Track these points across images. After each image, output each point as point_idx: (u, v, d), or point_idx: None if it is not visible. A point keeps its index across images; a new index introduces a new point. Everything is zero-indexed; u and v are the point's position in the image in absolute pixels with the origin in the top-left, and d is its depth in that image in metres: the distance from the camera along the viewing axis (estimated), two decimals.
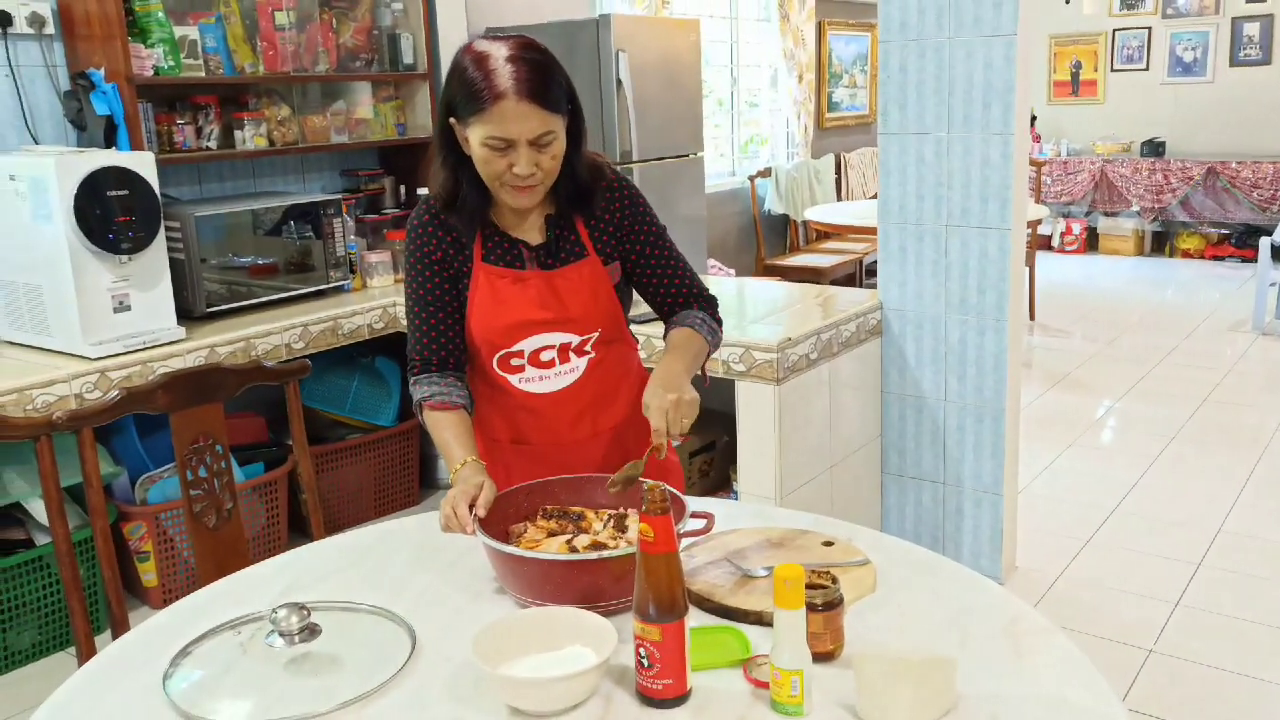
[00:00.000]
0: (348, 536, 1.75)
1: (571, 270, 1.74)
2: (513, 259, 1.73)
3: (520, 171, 1.59)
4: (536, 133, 1.57)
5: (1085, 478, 3.99)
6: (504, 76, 1.55)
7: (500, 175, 1.60)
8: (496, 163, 1.59)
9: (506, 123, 1.56)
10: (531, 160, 1.58)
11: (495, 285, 1.72)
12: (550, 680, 1.22)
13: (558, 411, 1.77)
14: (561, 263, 1.74)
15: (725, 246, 6.51)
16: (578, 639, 1.30)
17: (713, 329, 1.81)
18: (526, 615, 1.36)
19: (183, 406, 1.90)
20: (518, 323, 1.72)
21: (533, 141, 1.58)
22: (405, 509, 3.82)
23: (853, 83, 7.73)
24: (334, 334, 3.26)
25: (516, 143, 1.57)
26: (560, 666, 1.26)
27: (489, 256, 1.73)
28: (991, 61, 2.86)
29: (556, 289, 1.73)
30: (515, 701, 1.22)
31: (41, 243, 2.71)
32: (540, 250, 1.74)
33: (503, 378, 1.76)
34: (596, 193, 1.73)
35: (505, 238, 1.73)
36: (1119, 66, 8.68)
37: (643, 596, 1.21)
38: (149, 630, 1.46)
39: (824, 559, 1.53)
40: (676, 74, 4.52)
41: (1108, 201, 8.56)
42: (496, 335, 1.73)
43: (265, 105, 3.43)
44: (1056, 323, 6.47)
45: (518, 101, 1.55)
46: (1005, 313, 2.98)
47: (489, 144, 1.58)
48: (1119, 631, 2.88)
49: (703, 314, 1.81)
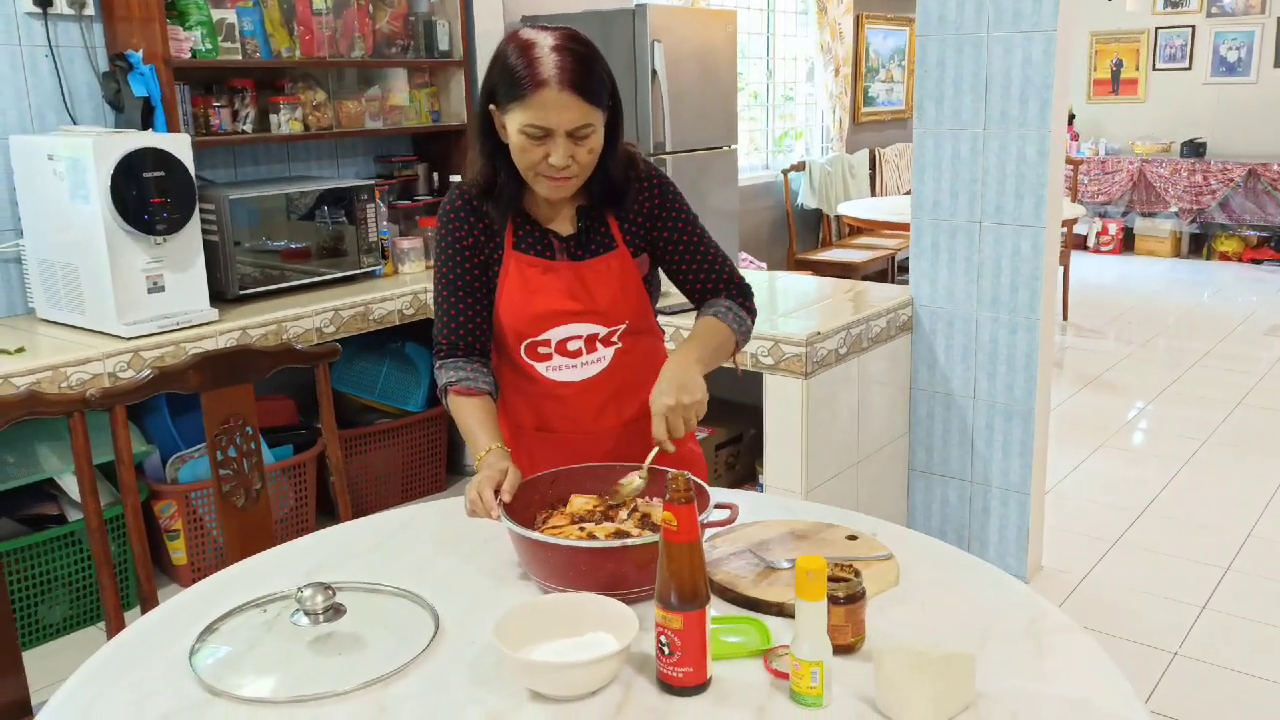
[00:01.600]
0: (374, 519, 1.76)
1: (600, 262, 1.74)
2: (543, 248, 1.74)
3: (556, 163, 1.58)
4: (575, 124, 1.57)
5: (1115, 479, 3.95)
6: (547, 65, 1.55)
7: (535, 165, 1.60)
8: (533, 152, 1.59)
9: (546, 111, 1.55)
10: (568, 152, 1.58)
11: (525, 274, 1.73)
12: (570, 665, 1.23)
13: (583, 400, 1.78)
14: (591, 254, 1.74)
15: (758, 240, 6.49)
16: (600, 625, 1.31)
17: (740, 318, 1.78)
18: (549, 600, 1.37)
19: (214, 387, 1.92)
20: (546, 312, 1.73)
21: (570, 133, 1.57)
22: (432, 494, 3.85)
23: (889, 77, 7.67)
24: (365, 319, 3.28)
25: (554, 133, 1.57)
26: (581, 652, 1.27)
27: (520, 245, 1.74)
28: (1030, 57, 2.83)
29: (585, 280, 1.73)
30: (535, 685, 1.23)
31: (78, 222, 2.75)
32: (570, 241, 1.74)
33: (529, 365, 1.77)
34: (629, 191, 1.73)
35: (537, 227, 1.74)
36: (1161, 65, 8.56)
37: (665, 584, 1.21)
38: (177, 606, 1.48)
39: (847, 553, 1.53)
40: (712, 65, 4.51)
41: (1145, 202, 8.45)
42: (525, 323, 1.74)
43: (301, 90, 3.46)
44: (1090, 323, 6.40)
45: (559, 91, 1.55)
46: (1038, 312, 2.95)
47: (526, 131, 1.57)
48: (1144, 634, 2.86)
49: (731, 303, 1.79)
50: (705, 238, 1.83)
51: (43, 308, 2.98)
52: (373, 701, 1.23)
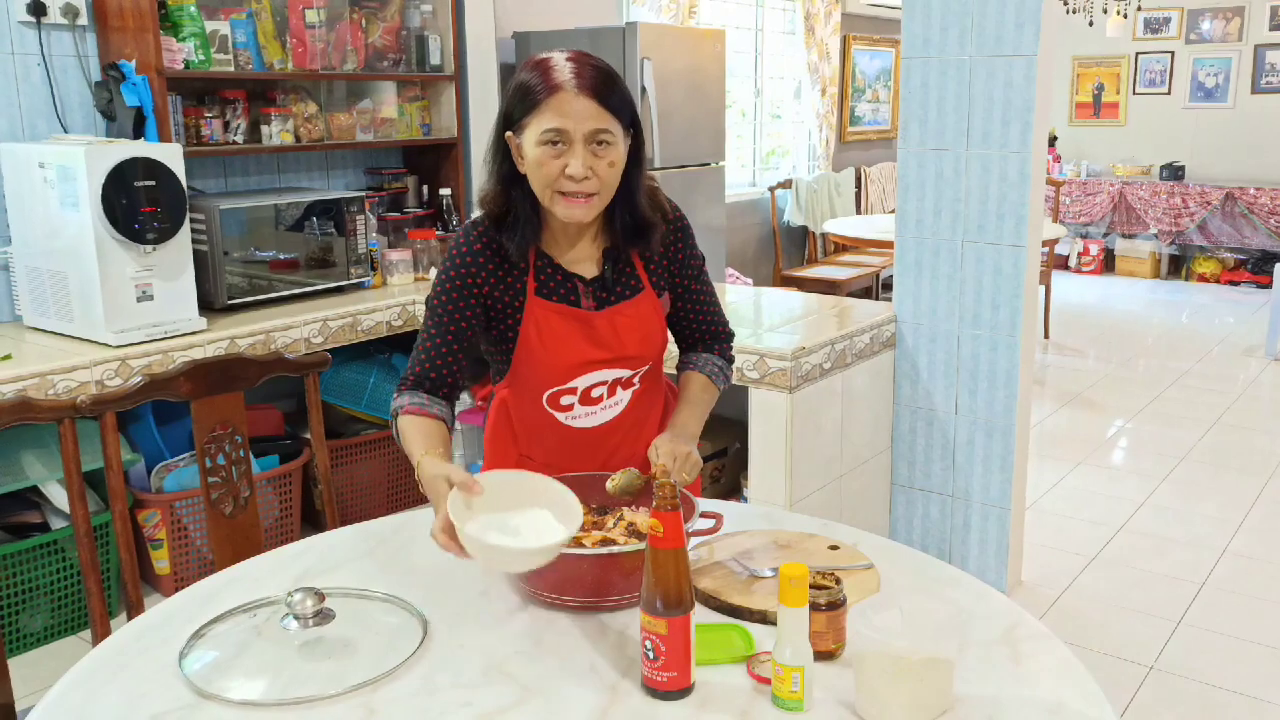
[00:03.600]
0: (363, 526, 1.78)
1: (629, 306, 1.70)
2: (567, 293, 1.68)
3: (574, 172, 1.53)
4: (592, 127, 1.53)
5: (1094, 496, 3.99)
6: (563, 71, 1.54)
7: (553, 180, 1.55)
8: (550, 165, 1.54)
9: (562, 114, 1.52)
10: (586, 162, 1.53)
11: (550, 323, 1.66)
12: (523, 551, 1.33)
13: (599, 444, 1.77)
14: (619, 297, 1.70)
15: (744, 256, 6.54)
16: (546, 505, 1.42)
17: (727, 376, 1.84)
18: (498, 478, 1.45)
19: (204, 395, 1.93)
20: (573, 364, 1.68)
21: (589, 139, 1.53)
22: (417, 506, 3.85)
23: (875, 97, 7.75)
24: (353, 330, 3.30)
25: (572, 138, 1.53)
26: (527, 531, 1.38)
27: (542, 290, 1.67)
28: (1012, 81, 2.88)
29: (615, 326, 1.69)
30: (484, 560, 1.34)
31: (68, 230, 2.76)
32: (595, 284, 1.69)
33: (549, 414, 1.74)
34: (657, 228, 1.69)
35: (559, 270, 1.68)
36: (1141, 90, 8.69)
37: (650, 590, 1.23)
38: (165, 611, 1.49)
39: (829, 562, 1.56)
40: (700, 83, 4.56)
41: (1126, 223, 8.56)
42: (550, 375, 1.69)
43: (293, 101, 3.48)
44: (1071, 342, 6.47)
45: (576, 94, 1.52)
46: (1018, 329, 3.00)
47: (543, 140, 1.53)
48: (1120, 647, 2.89)
49: (721, 360, 1.84)
50: (710, 286, 1.85)
51: (30, 315, 2.99)
52: (361, 705, 1.24)
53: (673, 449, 1.61)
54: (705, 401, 1.78)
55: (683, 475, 1.60)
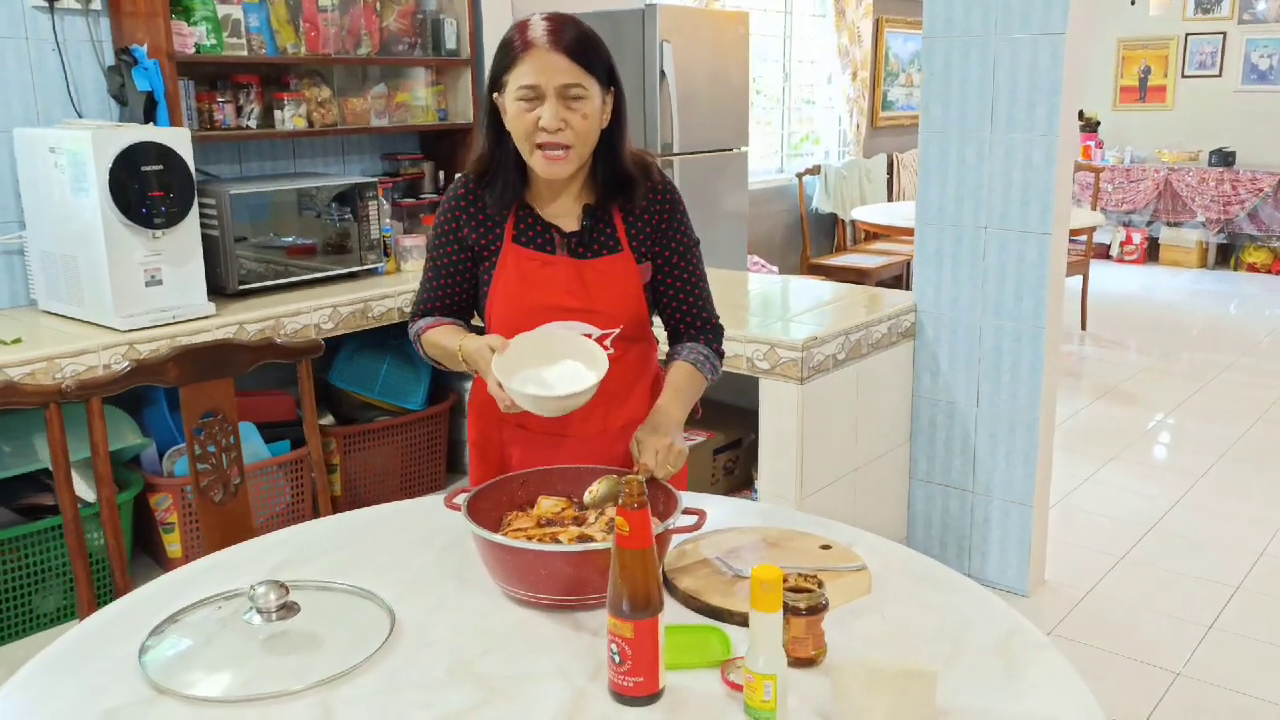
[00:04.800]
0: (344, 517, 1.75)
1: (603, 263, 1.72)
2: (544, 243, 1.72)
3: (546, 123, 1.58)
4: (564, 81, 1.58)
5: (1126, 492, 3.87)
6: (537, 29, 1.61)
7: (530, 132, 1.60)
8: (526, 117, 1.59)
9: (535, 70, 1.58)
10: (559, 113, 1.58)
11: (523, 267, 1.72)
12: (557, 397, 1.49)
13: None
14: (594, 254, 1.72)
15: (771, 244, 6.45)
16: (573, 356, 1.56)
17: (715, 367, 1.80)
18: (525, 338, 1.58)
19: (193, 380, 1.91)
20: (541, 305, 1.70)
21: (561, 93, 1.58)
22: (431, 492, 3.83)
23: (909, 81, 7.60)
24: (364, 316, 3.27)
25: (544, 92, 1.58)
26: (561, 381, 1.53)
27: (520, 238, 1.73)
28: (1038, 61, 2.78)
29: (585, 278, 1.71)
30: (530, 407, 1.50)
31: (78, 215, 2.75)
32: (573, 238, 1.72)
33: None
34: (639, 184, 1.72)
35: (539, 220, 1.73)
36: (1190, 72, 8.44)
37: (616, 592, 1.18)
38: (134, 602, 1.46)
39: (819, 563, 1.49)
40: (722, 67, 4.47)
41: (1171, 211, 8.33)
42: (517, 316, 1.70)
43: (306, 86, 3.45)
44: (1110, 334, 6.31)
45: (548, 50, 1.58)
46: (1043, 320, 2.90)
47: (519, 95, 1.59)
48: (1147, 651, 2.79)
49: (708, 350, 1.80)
50: (700, 270, 1.82)
51: (44, 299, 2.99)
52: (319, 703, 1.20)
53: (655, 443, 1.58)
54: (689, 389, 1.74)
55: (666, 468, 1.56)
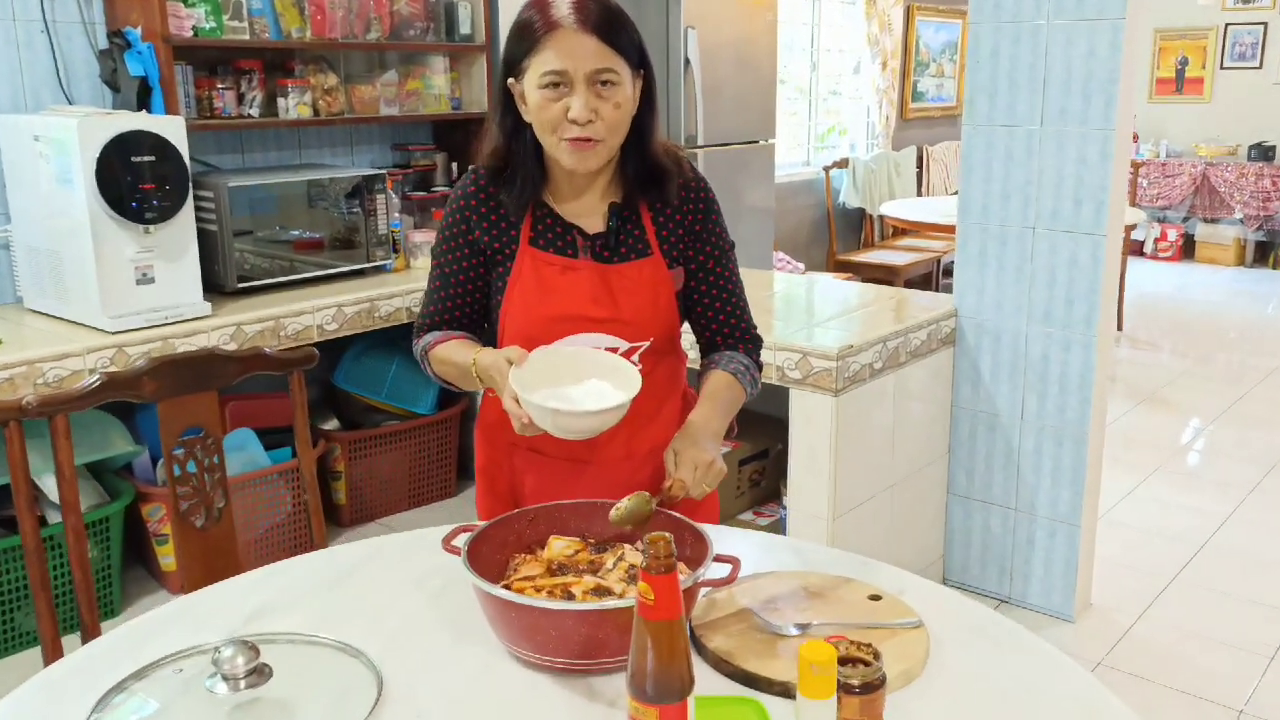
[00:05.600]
0: (333, 553, 1.57)
1: (631, 268, 1.54)
2: (564, 245, 1.54)
3: (576, 115, 1.41)
4: (595, 66, 1.41)
5: (1172, 507, 3.66)
6: (562, 7, 1.42)
7: (556, 124, 1.43)
8: (551, 108, 1.42)
9: (561, 54, 1.40)
10: (590, 103, 1.41)
11: (541, 273, 1.53)
12: (583, 413, 1.33)
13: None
14: (621, 258, 1.54)
15: (796, 239, 6.24)
16: (601, 375, 1.40)
17: (754, 379, 1.63)
18: (552, 352, 1.43)
19: (171, 395, 1.73)
20: (562, 315, 1.52)
21: (591, 80, 1.41)
22: (440, 500, 3.66)
23: (940, 72, 7.37)
24: (370, 316, 3.10)
25: (573, 79, 1.41)
26: (586, 399, 1.37)
27: (537, 240, 1.54)
28: (1095, 49, 2.57)
29: (611, 285, 1.53)
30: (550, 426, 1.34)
31: (63, 208, 2.59)
32: (597, 240, 1.54)
33: None
34: (672, 176, 1.53)
35: (559, 221, 1.54)
36: (1230, 64, 8.15)
37: (638, 670, 1.00)
38: (90, 656, 1.30)
39: (869, 617, 1.31)
40: (750, 55, 4.27)
41: (1208, 207, 8.07)
42: (535, 328, 1.52)
43: (311, 73, 3.27)
44: (1145, 335, 6.08)
45: (576, 31, 1.40)
46: (1094, 327, 2.69)
47: (544, 83, 1.42)
48: (1204, 686, 2.59)
49: (748, 360, 1.62)
50: (736, 276, 1.64)
51: (30, 297, 2.83)
52: None
53: (694, 456, 1.41)
54: (729, 399, 1.56)
55: (702, 486, 1.40)
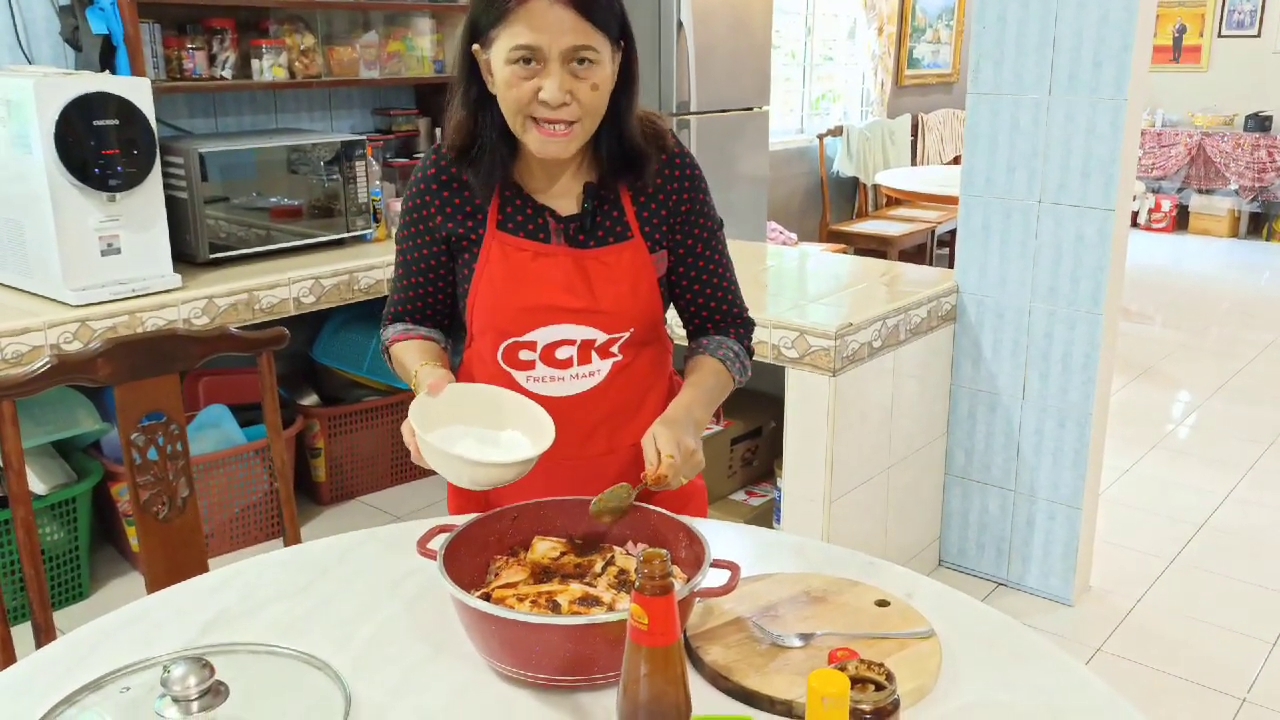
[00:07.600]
0: (301, 550, 1.47)
1: (609, 253, 1.42)
2: (536, 229, 1.43)
3: (549, 97, 1.28)
4: (571, 43, 1.28)
5: (1171, 485, 3.60)
6: None
7: (525, 105, 1.31)
8: (521, 86, 1.29)
9: (534, 27, 1.27)
10: (565, 84, 1.29)
11: (511, 260, 1.42)
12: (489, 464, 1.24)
13: (570, 421, 1.42)
14: (598, 242, 1.43)
15: (789, 209, 6.12)
16: (518, 425, 1.32)
17: (744, 366, 1.53)
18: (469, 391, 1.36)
19: (129, 378, 1.62)
20: (535, 305, 1.42)
21: (567, 57, 1.28)
22: (424, 478, 3.56)
23: (936, 38, 7.22)
24: (349, 288, 2.98)
25: (546, 56, 1.28)
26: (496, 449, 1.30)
27: (506, 224, 1.43)
28: (1107, 14, 2.45)
29: (587, 272, 1.42)
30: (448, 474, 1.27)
31: (21, 174, 2.45)
32: (571, 223, 1.43)
33: (507, 373, 1.45)
34: (650, 159, 1.41)
35: (529, 203, 1.43)
36: (1227, 32, 8.03)
37: (630, 701, 0.90)
38: (35, 665, 1.19)
39: (877, 626, 1.22)
40: (744, 18, 4.14)
41: (1203, 178, 7.97)
42: (506, 320, 1.43)
43: (287, 33, 3.13)
44: (1138, 307, 6.01)
45: (551, 2, 1.26)
46: (1101, 305, 2.60)
47: (513, 58, 1.28)
48: (1206, 673, 2.53)
49: (738, 346, 1.52)
50: (726, 257, 1.53)
51: None
52: None
53: (675, 439, 1.29)
54: (714, 387, 1.46)
55: (680, 477, 1.30)
